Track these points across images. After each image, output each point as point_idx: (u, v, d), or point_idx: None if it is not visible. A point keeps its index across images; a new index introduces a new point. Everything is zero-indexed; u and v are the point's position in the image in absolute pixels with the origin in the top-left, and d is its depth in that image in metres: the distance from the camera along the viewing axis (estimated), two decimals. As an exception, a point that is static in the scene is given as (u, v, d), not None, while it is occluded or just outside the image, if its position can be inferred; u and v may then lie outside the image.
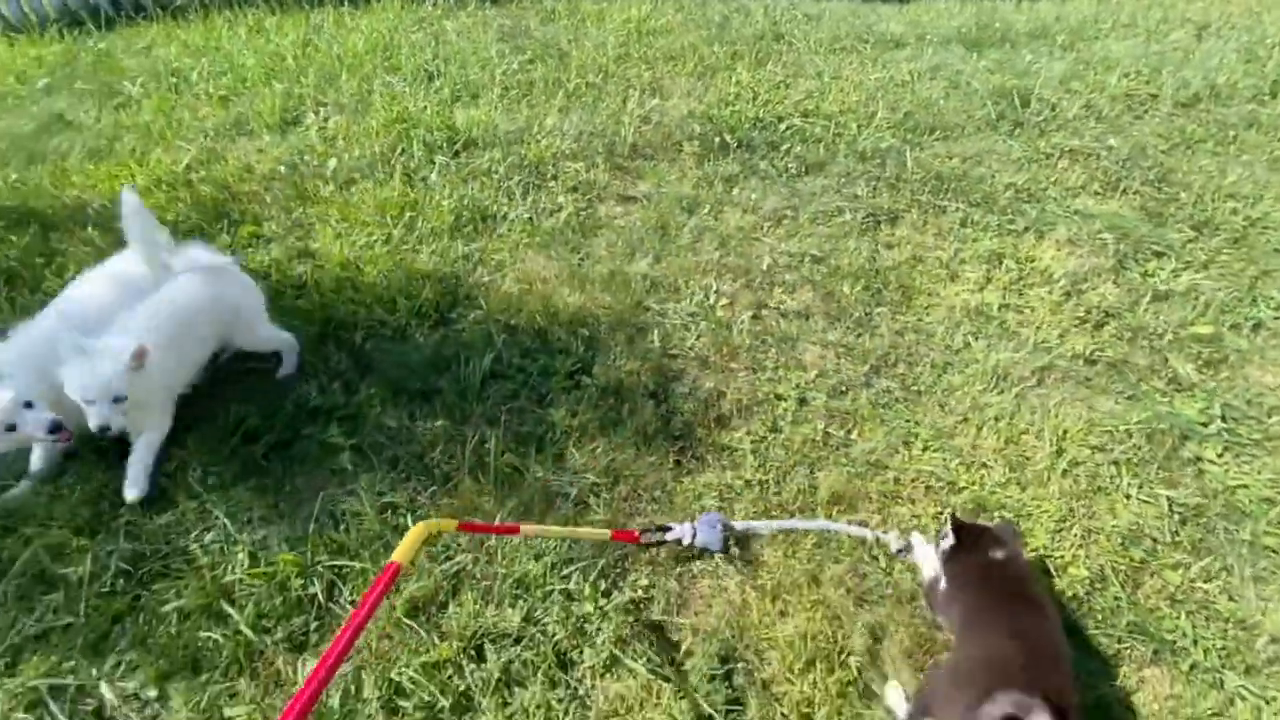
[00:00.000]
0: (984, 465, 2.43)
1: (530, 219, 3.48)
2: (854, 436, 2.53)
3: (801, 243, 3.41)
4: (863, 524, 2.22)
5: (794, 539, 2.19)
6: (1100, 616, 2.02)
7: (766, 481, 2.36)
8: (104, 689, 1.81)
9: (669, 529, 2.14)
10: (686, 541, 2.12)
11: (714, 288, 3.12)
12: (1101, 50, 5.30)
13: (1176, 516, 2.26)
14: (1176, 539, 2.20)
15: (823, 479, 2.37)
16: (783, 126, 4.30)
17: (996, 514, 2.27)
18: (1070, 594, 2.07)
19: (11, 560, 2.04)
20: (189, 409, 2.44)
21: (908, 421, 2.57)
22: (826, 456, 2.45)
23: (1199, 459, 2.44)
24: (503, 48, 5.17)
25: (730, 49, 5.33)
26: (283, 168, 3.66)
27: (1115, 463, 2.43)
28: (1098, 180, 3.84)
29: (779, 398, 2.65)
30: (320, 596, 1.98)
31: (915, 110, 4.45)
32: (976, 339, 2.91)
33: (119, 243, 3.07)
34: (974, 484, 2.36)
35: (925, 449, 2.49)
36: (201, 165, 3.68)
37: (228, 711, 1.79)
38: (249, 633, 1.90)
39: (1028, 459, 2.45)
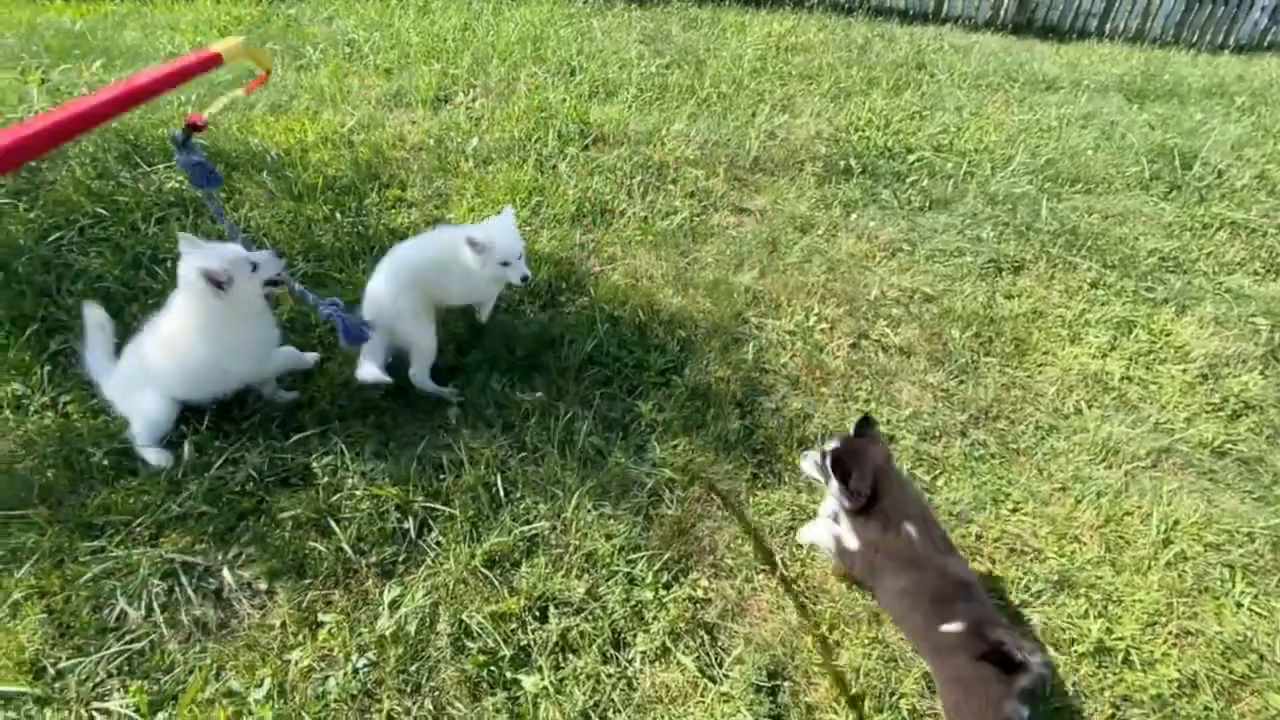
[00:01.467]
0: (1077, 539, 2.32)
1: (646, 218, 3.61)
2: (939, 484, 2.47)
3: (914, 278, 3.34)
4: None
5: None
6: (1185, 723, 1.89)
7: (841, 510, 2.35)
8: (225, 573, 2.08)
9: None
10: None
11: (816, 310, 3.12)
12: (1289, 118, 4.81)
13: (1294, 636, 2.07)
14: (1290, 660, 2.01)
15: (900, 519, 2.33)
16: (912, 158, 4.21)
17: (1083, 592, 2.16)
18: (1153, 693, 1.94)
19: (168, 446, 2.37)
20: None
21: (1000, 479, 2.48)
22: (907, 498, 2.41)
23: (1332, 580, 2.21)
24: (643, 50, 5.34)
25: (868, 73, 5.26)
26: (431, 140, 3.98)
27: (1230, 566, 2.25)
28: (1259, 259, 3.52)
29: (867, 430, 2.62)
30: (412, 532, 2.18)
31: (1058, 158, 4.23)
32: (1090, 406, 2.76)
33: (287, 189, 3.49)
34: (1062, 556, 2.25)
35: (1015, 510, 2.39)
36: (362, 129, 4.06)
37: (321, 616, 2.01)
38: (348, 550, 2.12)
39: (1128, 542, 2.31)
